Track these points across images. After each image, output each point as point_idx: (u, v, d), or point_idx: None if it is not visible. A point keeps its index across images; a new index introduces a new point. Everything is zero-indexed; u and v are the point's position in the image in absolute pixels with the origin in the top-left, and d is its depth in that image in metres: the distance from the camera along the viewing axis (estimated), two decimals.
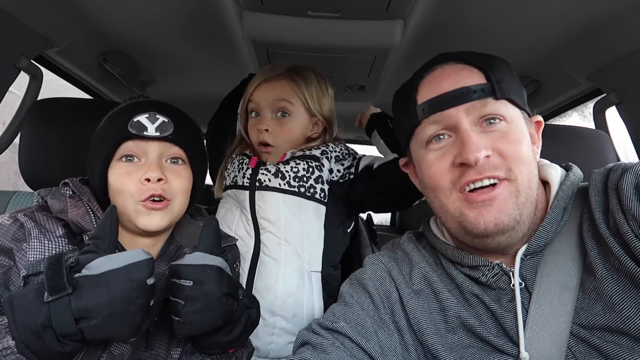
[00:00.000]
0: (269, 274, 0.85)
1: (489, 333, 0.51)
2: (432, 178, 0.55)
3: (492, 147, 0.51)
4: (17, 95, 1.04)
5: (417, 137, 0.58)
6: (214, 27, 1.02)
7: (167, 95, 1.56)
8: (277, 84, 0.91)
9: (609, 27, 0.89)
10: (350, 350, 0.52)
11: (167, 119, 0.66)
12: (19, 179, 1.19)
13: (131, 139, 0.63)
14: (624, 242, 0.43)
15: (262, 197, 0.88)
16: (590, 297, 0.46)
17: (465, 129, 0.52)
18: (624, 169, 0.46)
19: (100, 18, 1.00)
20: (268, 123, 0.90)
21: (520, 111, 0.55)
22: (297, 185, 0.88)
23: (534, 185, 0.52)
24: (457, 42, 1.03)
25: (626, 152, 1.04)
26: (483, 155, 0.50)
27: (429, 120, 0.55)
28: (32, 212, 0.63)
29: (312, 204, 0.89)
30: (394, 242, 0.70)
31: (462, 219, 0.52)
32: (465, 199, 0.51)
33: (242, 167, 0.94)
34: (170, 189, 0.65)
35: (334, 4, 0.85)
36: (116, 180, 0.64)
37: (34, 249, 0.59)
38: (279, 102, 0.90)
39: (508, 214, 0.50)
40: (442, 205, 0.55)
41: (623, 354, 0.42)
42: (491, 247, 0.52)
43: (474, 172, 0.50)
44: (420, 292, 0.58)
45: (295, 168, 0.89)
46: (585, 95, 1.22)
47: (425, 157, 0.56)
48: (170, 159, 0.67)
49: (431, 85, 0.56)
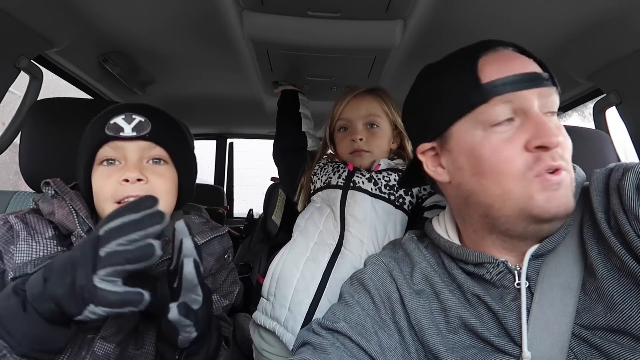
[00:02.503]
0: (347, 268, 0.87)
1: (490, 333, 0.50)
2: (500, 162, 0.51)
3: None
4: (17, 95, 1.04)
5: (477, 116, 0.52)
6: (214, 27, 1.02)
7: (167, 95, 1.56)
8: (365, 100, 1.00)
9: (609, 27, 0.89)
10: (351, 351, 0.52)
11: (144, 119, 0.65)
12: (19, 179, 1.18)
13: (108, 141, 0.63)
14: (625, 241, 0.43)
15: (354, 196, 0.93)
16: (591, 298, 0.46)
17: (537, 112, 0.50)
18: (625, 169, 0.46)
19: (100, 18, 1.00)
20: (362, 133, 0.99)
21: None
22: (388, 192, 0.93)
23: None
24: (457, 42, 1.03)
25: (626, 152, 1.04)
26: (559, 141, 0.48)
27: (502, 98, 0.50)
28: (24, 214, 0.63)
29: (399, 213, 0.93)
30: (395, 242, 0.70)
31: (530, 203, 0.49)
32: (539, 183, 0.49)
33: (337, 169, 1.00)
34: (151, 190, 0.64)
35: (334, 4, 0.85)
36: (97, 183, 0.63)
37: (21, 251, 0.59)
38: (369, 117, 0.99)
39: (570, 200, 0.49)
40: (507, 191, 0.51)
41: (625, 354, 0.42)
42: (543, 228, 0.51)
43: (550, 158, 0.48)
44: (421, 292, 0.58)
45: (387, 177, 0.94)
46: (585, 96, 1.22)
47: (488, 140, 0.52)
48: (151, 159, 0.66)
49: (500, 64, 0.52)
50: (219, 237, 0.76)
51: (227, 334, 0.80)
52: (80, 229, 0.62)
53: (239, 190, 2.65)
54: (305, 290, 0.87)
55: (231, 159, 2.54)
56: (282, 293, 0.89)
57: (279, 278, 0.92)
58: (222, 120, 2.13)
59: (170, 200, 0.68)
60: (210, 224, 0.78)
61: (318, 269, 0.88)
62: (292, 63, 1.16)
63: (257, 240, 1.77)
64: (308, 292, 0.86)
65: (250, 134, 2.47)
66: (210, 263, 0.72)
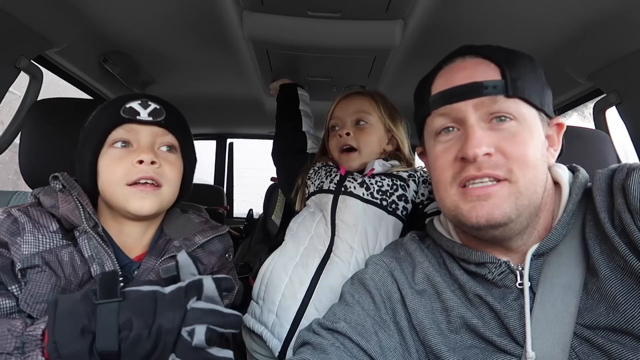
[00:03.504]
0: (336, 276, 0.86)
1: (492, 333, 0.50)
2: (436, 170, 0.56)
3: (496, 146, 0.50)
4: (17, 95, 1.04)
5: (427, 127, 0.59)
6: (214, 27, 1.02)
7: (167, 95, 1.55)
8: (355, 99, 1.02)
9: (609, 27, 0.89)
10: (350, 351, 0.52)
11: (159, 106, 0.67)
12: (19, 179, 1.19)
13: (124, 123, 0.64)
14: (630, 241, 0.43)
15: (345, 201, 0.92)
16: (593, 298, 0.46)
17: (471, 124, 0.51)
18: (629, 169, 0.47)
19: (100, 18, 1.00)
20: (349, 128, 0.99)
21: (538, 111, 0.54)
22: (380, 198, 0.91)
23: (540, 189, 0.51)
24: (457, 42, 1.03)
25: (626, 152, 1.04)
26: (483, 152, 0.49)
27: (437, 112, 0.55)
28: (25, 207, 0.63)
29: (392, 219, 0.91)
30: (397, 242, 0.70)
31: (457, 212, 0.52)
32: (462, 194, 0.52)
33: (330, 174, 0.99)
34: (163, 174, 0.65)
35: (334, 4, 0.85)
36: (107, 166, 0.63)
37: (28, 243, 0.59)
38: (358, 113, 0.99)
39: (502, 212, 0.49)
40: (441, 198, 0.55)
41: (627, 354, 0.42)
42: (486, 239, 0.53)
43: (473, 169, 0.50)
44: (422, 292, 0.58)
45: (380, 182, 0.93)
46: (585, 96, 1.22)
47: (434, 149, 0.57)
48: (164, 146, 0.67)
49: (446, 77, 0.56)
50: (220, 236, 0.76)
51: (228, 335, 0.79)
52: (86, 224, 0.62)
53: (239, 190, 2.65)
54: (293, 296, 0.86)
55: (231, 159, 2.54)
56: (271, 298, 0.88)
57: (268, 282, 0.91)
58: (222, 120, 2.13)
59: (175, 188, 0.69)
60: (210, 223, 0.78)
61: (307, 275, 0.87)
62: (292, 63, 1.16)
63: (257, 240, 1.77)
64: (296, 298, 0.85)
65: (250, 134, 2.47)
66: (212, 261, 0.72)
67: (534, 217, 0.52)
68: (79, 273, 0.61)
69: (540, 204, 0.52)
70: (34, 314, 0.56)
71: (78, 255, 0.61)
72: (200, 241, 0.71)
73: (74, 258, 0.61)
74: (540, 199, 0.51)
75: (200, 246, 0.71)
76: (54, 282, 0.58)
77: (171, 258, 0.66)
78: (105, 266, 0.61)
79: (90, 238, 0.62)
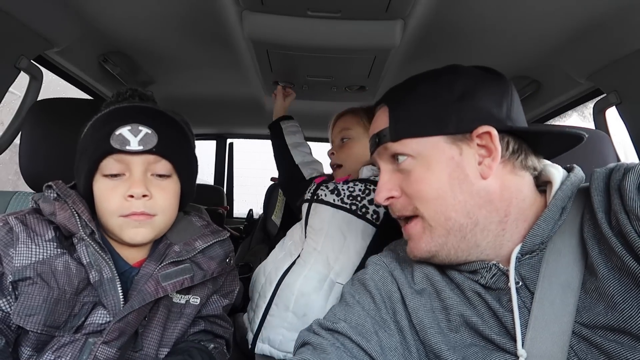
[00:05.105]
0: (295, 274, 0.95)
1: (491, 331, 0.51)
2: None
3: (400, 187, 0.56)
4: (17, 95, 1.04)
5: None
6: (214, 27, 1.02)
7: (167, 95, 1.56)
8: (341, 119, 1.11)
9: (609, 27, 0.89)
10: (351, 351, 0.52)
11: (151, 130, 0.63)
12: (19, 179, 1.18)
13: (113, 153, 0.62)
14: (626, 241, 0.43)
15: (315, 208, 1.00)
16: (592, 297, 0.46)
17: (382, 170, 0.58)
18: (626, 169, 0.46)
19: (100, 18, 1.00)
20: (335, 148, 1.09)
21: (440, 136, 0.53)
22: (350, 202, 0.96)
23: (455, 213, 0.51)
24: (457, 42, 1.03)
25: (626, 152, 1.04)
26: (383, 198, 0.56)
27: None
28: (24, 214, 0.63)
29: (361, 222, 0.94)
30: (396, 242, 0.70)
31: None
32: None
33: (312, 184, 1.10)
34: (154, 205, 0.64)
35: (334, 4, 0.85)
36: (101, 195, 0.63)
37: (21, 255, 0.58)
38: (341, 132, 1.08)
39: (422, 249, 0.54)
40: None
41: (625, 353, 0.42)
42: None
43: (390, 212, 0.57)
44: (422, 291, 0.58)
45: (351, 188, 0.98)
46: (585, 96, 1.22)
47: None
48: (156, 174, 0.65)
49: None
50: (220, 241, 0.76)
51: (228, 335, 0.79)
52: (83, 232, 0.61)
53: (239, 190, 2.65)
54: (264, 296, 0.96)
55: (231, 159, 2.54)
56: (254, 297, 1.01)
57: (254, 283, 1.03)
58: (222, 120, 2.13)
59: (171, 213, 0.69)
60: (211, 227, 0.78)
61: (276, 276, 0.97)
62: (292, 63, 1.16)
63: (257, 240, 1.77)
64: (265, 297, 0.95)
65: (250, 134, 2.47)
66: (212, 266, 0.72)
67: (486, 230, 0.52)
68: (75, 282, 0.60)
69: (467, 227, 0.52)
70: (26, 326, 0.56)
71: (74, 263, 0.61)
72: (201, 247, 0.71)
73: (69, 267, 0.61)
74: (459, 225, 0.52)
75: (200, 251, 0.71)
76: (46, 294, 0.58)
77: (171, 264, 0.66)
78: (104, 273, 0.61)
79: (88, 245, 0.62)
